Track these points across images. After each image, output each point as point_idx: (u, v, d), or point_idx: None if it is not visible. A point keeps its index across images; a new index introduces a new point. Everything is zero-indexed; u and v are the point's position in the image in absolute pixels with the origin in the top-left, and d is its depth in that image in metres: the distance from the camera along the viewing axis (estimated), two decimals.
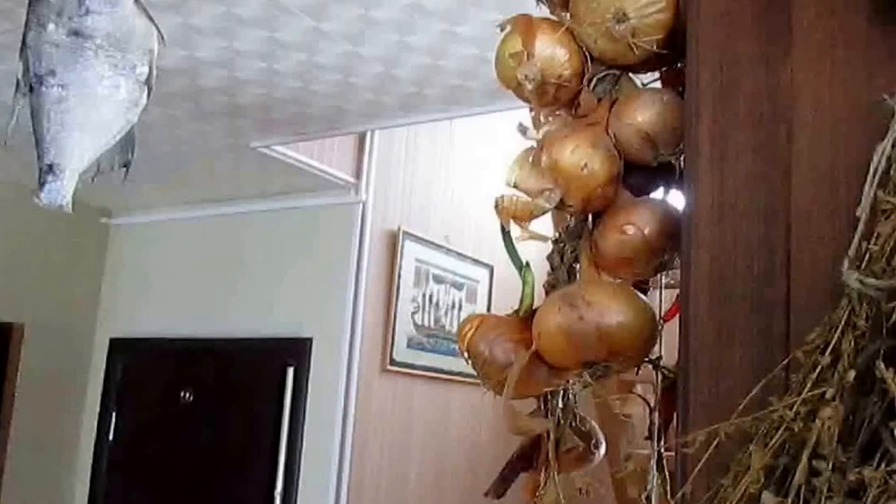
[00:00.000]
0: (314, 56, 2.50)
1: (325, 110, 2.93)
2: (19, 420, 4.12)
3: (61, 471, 4.32)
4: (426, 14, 2.20)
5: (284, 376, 3.79)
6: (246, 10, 2.22)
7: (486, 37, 2.29)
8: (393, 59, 2.49)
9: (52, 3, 1.16)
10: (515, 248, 1.02)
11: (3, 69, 2.66)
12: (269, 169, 3.54)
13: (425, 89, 2.70)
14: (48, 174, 1.15)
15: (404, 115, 2.99)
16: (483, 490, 4.18)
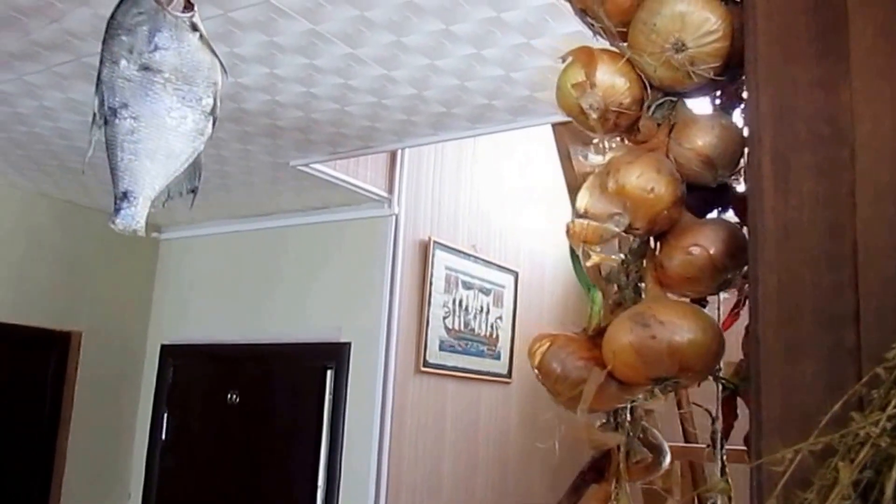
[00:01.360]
0: (349, 80, 2.47)
1: (360, 130, 2.91)
2: (78, 420, 4.13)
3: (118, 466, 4.33)
4: (454, 39, 2.17)
5: (324, 379, 3.78)
6: (286, 38, 2.19)
7: (510, 59, 2.27)
8: (423, 82, 2.47)
9: (124, 40, 1.14)
10: (583, 269, 1.01)
11: (60, 97, 2.67)
12: (307, 185, 3.53)
13: (453, 109, 2.68)
14: (122, 201, 1.14)
15: (433, 134, 2.96)
16: (510, 480, 4.13)
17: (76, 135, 3.04)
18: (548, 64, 2.25)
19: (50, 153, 3.29)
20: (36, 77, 2.52)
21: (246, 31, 2.13)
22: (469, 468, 4.11)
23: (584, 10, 1.00)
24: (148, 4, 1.15)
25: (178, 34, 1.16)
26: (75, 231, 4.09)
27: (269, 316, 4.06)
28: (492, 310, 4.33)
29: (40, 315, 3.91)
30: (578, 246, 0.98)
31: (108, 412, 4.29)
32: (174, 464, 4.25)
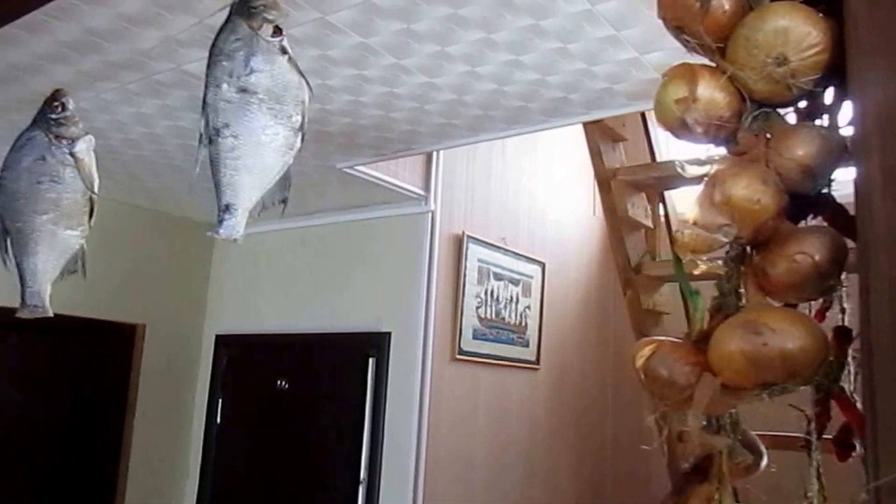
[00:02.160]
0: (395, 88, 2.48)
1: (402, 134, 2.91)
2: (142, 404, 4.20)
3: (178, 446, 4.39)
4: (494, 47, 2.16)
5: (367, 366, 3.79)
6: (338, 52, 2.20)
7: (546, 63, 2.25)
8: (463, 87, 2.46)
9: (224, 65, 1.17)
10: (686, 277, 1.00)
11: (130, 111, 2.72)
12: (351, 185, 3.54)
13: (490, 111, 2.67)
14: (225, 212, 1.17)
15: (471, 135, 2.95)
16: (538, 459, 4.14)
17: (142, 144, 3.08)
18: (581, 67, 2.26)
19: (120, 162, 3.34)
20: (111, 95, 2.56)
21: (302, 47, 2.14)
22: (500, 448, 4.13)
23: (680, 27, 0.99)
24: (244, 31, 1.18)
25: (270, 57, 1.19)
26: (140, 233, 4.16)
27: (314, 308, 4.09)
28: (521, 299, 4.34)
29: (109, 309, 3.98)
30: (686, 255, 0.97)
31: (168, 397, 4.35)
32: (228, 445, 4.30)
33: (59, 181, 1.55)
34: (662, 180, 3.19)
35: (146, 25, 2.06)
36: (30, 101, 2.68)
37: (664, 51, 2.11)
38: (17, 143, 1.59)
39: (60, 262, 1.59)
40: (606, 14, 1.95)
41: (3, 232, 1.57)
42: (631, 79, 2.30)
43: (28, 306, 1.61)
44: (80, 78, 2.38)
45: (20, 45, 2.21)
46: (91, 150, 1.62)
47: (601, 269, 5.12)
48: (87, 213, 1.63)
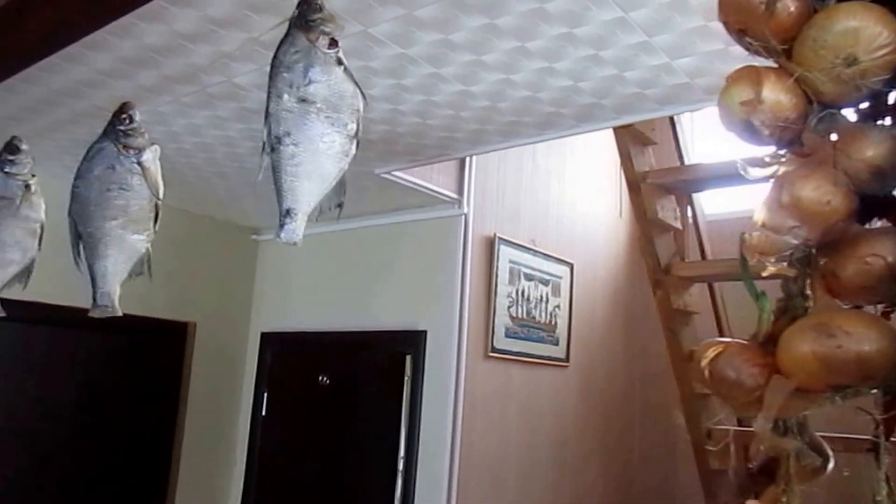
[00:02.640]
0: (432, 96, 2.48)
1: (438, 140, 2.91)
2: (193, 397, 4.26)
3: (226, 437, 4.44)
4: (528, 54, 2.16)
5: (404, 363, 3.80)
6: (378, 62, 2.22)
7: (579, 70, 2.23)
8: (497, 95, 2.45)
9: (285, 76, 1.19)
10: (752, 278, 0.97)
11: (183, 122, 2.76)
12: (388, 190, 3.55)
13: (523, 118, 2.66)
14: (286, 217, 1.19)
15: (504, 141, 2.94)
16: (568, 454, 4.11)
17: (194, 153, 3.13)
18: (613, 73, 2.24)
19: (173, 171, 3.38)
20: (166, 107, 2.61)
21: (345, 58, 2.16)
22: (531, 441, 4.11)
23: (743, 30, 0.96)
24: (302, 44, 1.19)
25: (327, 68, 1.21)
26: (190, 236, 4.22)
27: (353, 307, 4.11)
28: (550, 299, 4.32)
29: (163, 308, 4.03)
30: (753, 257, 0.94)
31: (217, 391, 4.40)
32: (272, 436, 4.33)
33: (127, 188, 1.60)
34: (691, 183, 3.16)
35: (200, 41, 2.10)
36: (91, 115, 2.75)
37: (694, 56, 2.09)
38: (88, 154, 1.64)
39: (128, 265, 1.64)
40: (639, 21, 1.94)
41: (77, 237, 1.62)
42: (661, 84, 2.28)
43: (99, 306, 1.66)
44: (138, 92, 2.43)
45: (83, 62, 2.26)
46: (156, 159, 1.67)
47: (628, 270, 5.08)
48: (153, 218, 1.68)
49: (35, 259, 1.90)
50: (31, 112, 2.76)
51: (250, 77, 2.35)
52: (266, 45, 2.11)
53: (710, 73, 2.18)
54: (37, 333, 3.63)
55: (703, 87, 2.28)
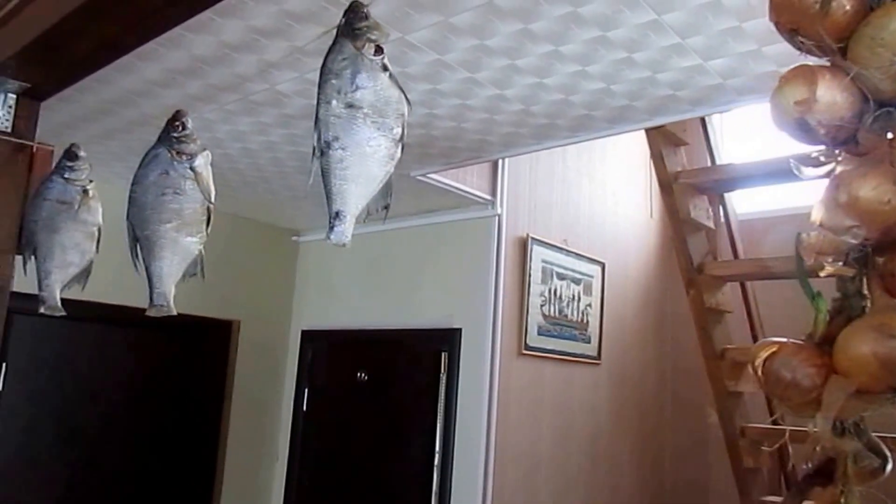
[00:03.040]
0: (467, 100, 2.48)
1: (472, 143, 2.91)
2: (237, 393, 4.32)
3: (269, 432, 4.49)
4: (561, 58, 2.15)
5: (440, 360, 3.81)
6: (415, 68, 2.23)
7: (611, 72, 2.22)
8: (531, 98, 2.45)
9: (333, 83, 1.20)
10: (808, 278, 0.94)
11: (228, 129, 2.81)
12: (424, 192, 3.57)
13: (556, 120, 2.65)
14: (335, 219, 1.21)
15: (536, 143, 2.93)
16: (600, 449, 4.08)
17: (238, 159, 3.17)
18: (646, 75, 2.22)
19: (217, 176, 3.43)
20: (212, 114, 2.65)
21: None
22: (564, 437, 4.09)
23: (795, 29, 0.94)
24: (349, 51, 1.21)
25: (373, 74, 1.22)
26: (234, 238, 4.28)
27: (390, 305, 4.13)
28: (582, 298, 4.30)
29: (209, 306, 4.10)
30: (811, 257, 0.91)
31: (260, 386, 4.46)
32: (313, 431, 4.38)
33: (180, 193, 1.64)
34: (723, 182, 3.11)
35: (244, 51, 2.13)
36: (141, 123, 2.81)
37: (728, 57, 2.06)
38: (144, 160, 1.68)
39: (182, 266, 1.68)
40: (672, 23, 1.92)
41: (134, 239, 1.66)
42: (694, 85, 2.26)
43: (155, 305, 1.70)
44: (185, 100, 2.48)
45: (133, 71, 2.31)
46: (208, 164, 1.71)
47: (659, 270, 5.03)
48: (205, 221, 1.72)
49: (93, 261, 1.95)
50: (84, 120, 2.83)
51: (291, 84, 2.38)
52: (307, 54, 2.14)
53: (743, 73, 2.15)
54: (88, 331, 3.72)
55: (736, 88, 2.25)
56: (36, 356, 3.58)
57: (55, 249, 1.88)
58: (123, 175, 3.38)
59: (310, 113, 2.58)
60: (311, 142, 2.93)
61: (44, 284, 1.91)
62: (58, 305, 1.95)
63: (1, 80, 1.99)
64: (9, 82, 2.00)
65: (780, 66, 2.08)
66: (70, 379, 3.71)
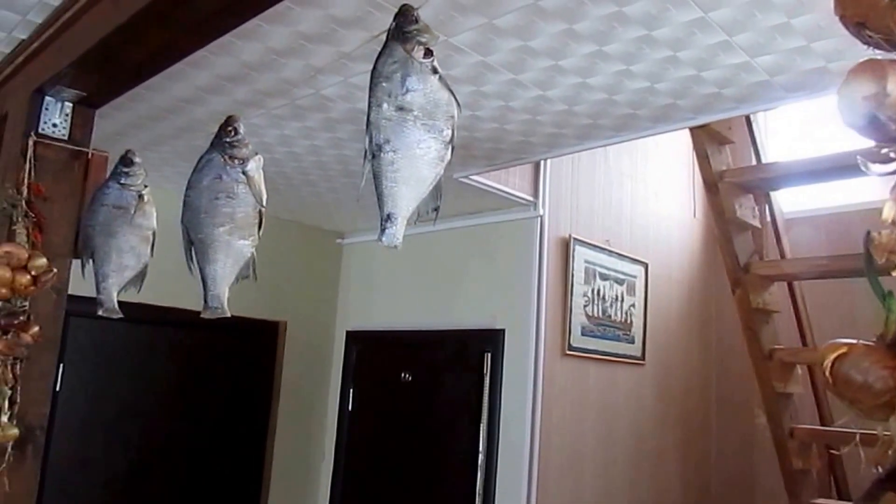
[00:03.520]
0: (510, 102, 2.47)
1: (514, 144, 2.90)
2: (284, 393, 4.38)
3: (315, 430, 4.54)
4: (605, 58, 2.12)
5: (483, 361, 3.80)
6: (459, 70, 2.22)
7: (656, 71, 2.18)
8: (574, 98, 2.42)
9: (384, 86, 1.21)
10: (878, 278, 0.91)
11: (275, 133, 2.84)
12: (466, 193, 3.56)
13: (599, 120, 2.61)
14: (387, 222, 1.21)
15: (579, 143, 2.89)
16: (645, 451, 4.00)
17: (284, 162, 3.21)
18: (691, 73, 2.18)
19: (266, 180, 3.49)
20: (259, 119, 2.68)
21: None
22: (608, 438, 4.05)
23: (862, 22, 0.90)
24: (399, 55, 1.21)
25: (423, 77, 1.22)
26: (279, 241, 4.34)
27: (434, 307, 4.14)
28: (625, 298, 4.25)
29: (257, 308, 4.16)
30: (882, 256, 0.89)
31: (306, 386, 4.51)
32: (359, 430, 4.40)
33: (233, 197, 1.67)
34: (770, 181, 3.03)
35: (291, 56, 2.15)
36: (190, 129, 2.86)
37: (775, 53, 2.01)
38: (198, 165, 1.72)
39: (235, 269, 1.71)
40: (719, 20, 1.88)
41: (189, 243, 1.69)
42: (740, 82, 2.20)
43: (210, 308, 1.73)
44: (233, 106, 2.51)
45: (184, 79, 2.36)
46: (260, 168, 1.74)
47: (703, 270, 4.95)
48: (257, 224, 1.74)
49: (148, 264, 1.99)
50: (136, 127, 2.89)
51: (336, 89, 2.39)
52: (352, 58, 2.15)
53: (791, 69, 2.09)
54: (141, 332, 3.80)
55: (784, 85, 2.20)
56: (92, 357, 3.68)
57: (112, 253, 1.92)
58: (173, 179, 3.47)
59: (354, 117, 2.62)
60: (354, 145, 2.97)
61: (101, 287, 1.95)
62: (115, 308, 1.99)
63: (58, 89, 2.04)
64: (65, 91, 2.05)
65: (828, 62, 2.02)
66: (124, 379, 3.80)
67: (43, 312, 1.92)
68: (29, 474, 1.90)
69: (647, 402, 4.35)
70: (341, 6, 1.86)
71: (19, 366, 1.86)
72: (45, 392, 1.95)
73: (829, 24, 1.85)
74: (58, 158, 2.05)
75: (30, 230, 1.91)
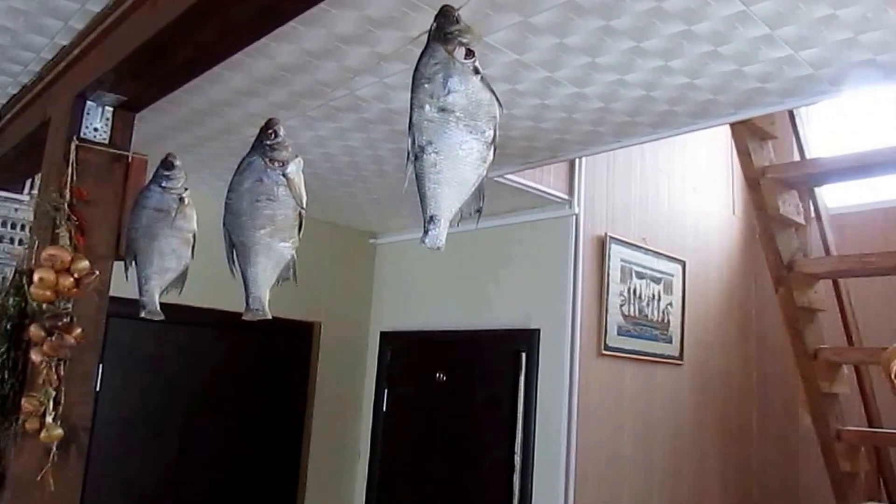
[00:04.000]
0: (545, 100, 2.45)
1: (550, 143, 2.88)
2: (319, 393, 4.41)
3: (350, 430, 4.56)
4: (643, 54, 2.10)
5: (518, 361, 3.78)
6: (493, 69, 2.22)
7: (695, 67, 2.15)
8: (611, 95, 2.40)
9: (426, 88, 1.21)
10: None
11: (310, 135, 2.86)
12: (500, 192, 3.55)
13: (636, 117, 2.58)
14: (430, 223, 1.21)
15: (616, 141, 2.86)
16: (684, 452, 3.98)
17: (318, 163, 3.23)
18: (732, 68, 2.15)
19: None
20: (294, 121, 2.70)
21: None
22: (647, 439, 4.00)
23: None
24: (441, 56, 1.21)
25: (465, 78, 1.22)
26: (314, 242, 4.38)
27: (468, 306, 4.13)
28: (663, 297, 4.20)
29: (293, 309, 4.20)
30: None
31: (341, 387, 4.53)
32: (393, 431, 4.42)
33: (274, 199, 1.69)
34: (814, 176, 2.97)
35: (326, 58, 2.17)
36: (227, 131, 2.90)
37: (820, 46, 1.97)
38: (239, 168, 1.74)
39: (276, 271, 1.73)
40: (761, 13, 1.84)
41: (231, 245, 1.72)
42: (783, 77, 2.16)
43: (251, 310, 1.75)
44: (268, 108, 2.54)
45: (221, 82, 2.39)
46: (300, 170, 1.76)
47: (742, 268, 4.87)
48: (297, 226, 1.76)
49: (189, 266, 2.02)
50: (174, 130, 2.94)
51: (371, 89, 2.40)
52: (386, 59, 2.16)
53: (837, 62, 2.05)
54: (177, 333, 3.86)
55: (829, 78, 2.15)
56: (130, 358, 3.75)
57: (154, 256, 1.96)
58: (208, 182, 3.53)
59: (388, 117, 2.63)
60: (388, 145, 2.98)
61: (144, 290, 1.99)
62: (157, 309, 2.02)
63: (99, 94, 2.08)
64: (106, 95, 2.09)
65: (876, 54, 1.98)
66: (161, 379, 3.87)
67: (85, 314, 1.95)
68: (73, 474, 1.94)
69: (685, 403, 4.29)
70: (376, 7, 1.87)
71: (63, 367, 1.90)
72: (87, 393, 1.99)
73: (876, 16, 1.81)
74: (99, 162, 2.09)
75: (72, 233, 1.94)
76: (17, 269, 2.06)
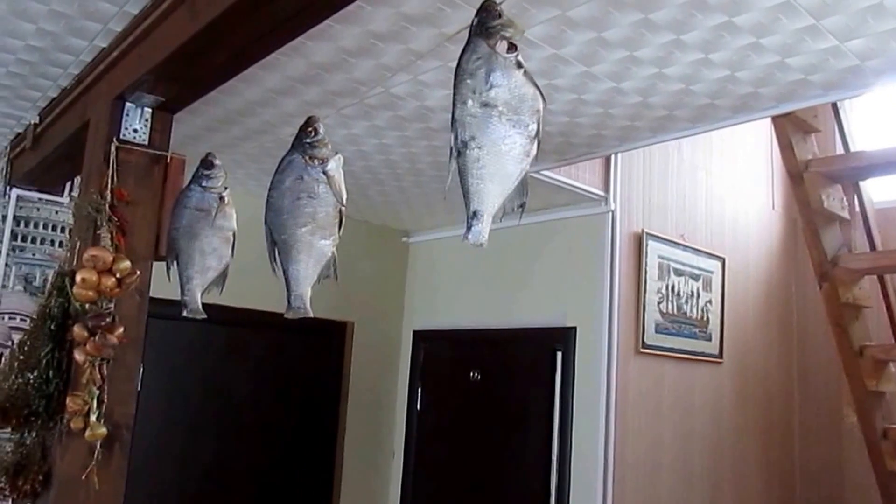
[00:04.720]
0: (582, 95, 2.44)
1: (586, 138, 2.86)
2: (353, 392, 4.44)
3: (384, 429, 4.58)
4: (682, 47, 2.07)
5: (554, 359, 3.77)
6: (530, 64, 2.18)
7: (737, 60, 2.12)
8: (649, 90, 2.37)
9: (468, 83, 1.22)
10: None
11: (344, 133, 2.87)
12: (536, 189, 3.52)
13: (675, 111, 2.55)
14: (473, 219, 1.21)
15: (654, 136, 2.83)
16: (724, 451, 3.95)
17: (352, 161, 3.22)
18: (774, 60, 2.11)
19: None
20: (329, 119, 2.72)
21: None
22: (686, 438, 3.96)
23: None
24: (483, 50, 1.21)
25: (508, 72, 1.22)
26: (347, 240, 4.38)
27: (503, 304, 4.12)
28: (702, 294, 4.16)
29: (326, 309, 4.21)
30: None
31: (375, 386, 4.56)
32: (427, 429, 4.44)
33: (314, 197, 1.71)
34: (859, 170, 2.91)
35: (361, 55, 2.18)
36: (261, 131, 2.93)
37: (866, 37, 1.93)
38: (279, 166, 1.76)
39: (317, 269, 1.75)
40: (805, 4, 1.81)
41: (272, 244, 1.74)
42: (828, 68, 2.12)
43: (293, 308, 1.77)
44: (303, 107, 2.56)
45: (256, 81, 2.41)
46: (340, 167, 1.77)
47: (784, 263, 4.79)
48: (337, 224, 1.77)
49: (229, 265, 2.04)
50: (210, 130, 2.98)
51: (405, 87, 2.41)
52: (421, 56, 2.16)
53: (883, 53, 2.00)
54: (214, 333, 3.91)
55: (874, 70, 2.10)
56: (169, 358, 3.82)
57: (195, 255, 1.99)
58: (243, 181, 3.57)
59: (422, 114, 2.64)
60: (422, 142, 2.99)
61: (186, 289, 2.02)
62: (199, 309, 2.05)
63: (138, 95, 2.12)
64: (145, 97, 2.13)
65: None
66: (199, 379, 3.93)
67: (127, 314, 1.99)
68: (116, 473, 1.98)
69: (726, 402, 4.24)
70: (412, 4, 1.88)
71: (106, 366, 1.94)
72: (130, 392, 2.03)
73: None
74: (139, 163, 2.12)
75: (113, 234, 1.98)
76: (59, 270, 2.10)
